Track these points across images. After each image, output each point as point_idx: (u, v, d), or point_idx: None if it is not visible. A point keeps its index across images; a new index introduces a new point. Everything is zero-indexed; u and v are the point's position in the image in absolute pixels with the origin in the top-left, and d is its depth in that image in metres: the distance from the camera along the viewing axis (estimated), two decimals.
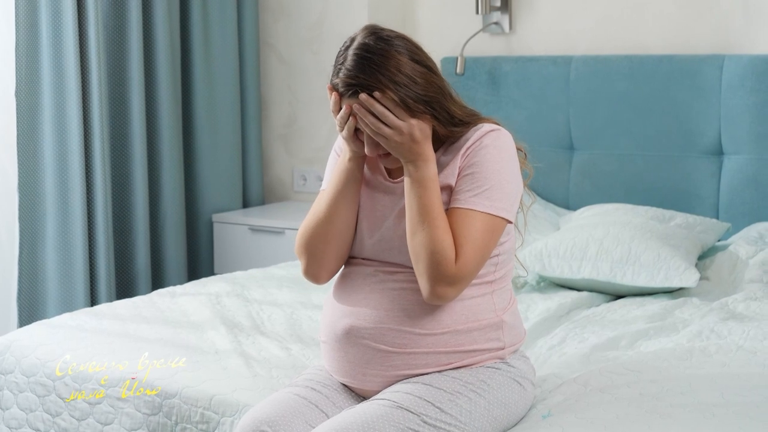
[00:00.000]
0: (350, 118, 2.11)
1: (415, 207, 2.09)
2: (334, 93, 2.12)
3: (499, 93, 4.17)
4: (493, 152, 2.12)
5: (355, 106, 2.07)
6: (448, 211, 2.11)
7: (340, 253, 2.23)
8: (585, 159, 4.04)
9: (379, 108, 2.06)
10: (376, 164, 2.24)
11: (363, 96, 2.06)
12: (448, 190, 2.14)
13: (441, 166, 2.16)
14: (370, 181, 2.24)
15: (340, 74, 2.09)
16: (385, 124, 2.07)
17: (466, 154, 2.13)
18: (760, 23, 3.81)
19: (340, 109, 2.12)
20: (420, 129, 2.09)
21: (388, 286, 2.16)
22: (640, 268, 3.20)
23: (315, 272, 2.25)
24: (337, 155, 2.31)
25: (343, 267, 2.29)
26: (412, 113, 2.08)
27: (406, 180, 2.11)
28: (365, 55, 2.07)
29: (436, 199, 2.09)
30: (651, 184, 3.90)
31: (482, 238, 2.09)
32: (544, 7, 4.22)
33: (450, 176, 2.14)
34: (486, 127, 2.16)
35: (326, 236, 2.21)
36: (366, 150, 2.14)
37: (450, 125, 2.14)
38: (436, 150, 2.19)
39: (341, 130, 2.14)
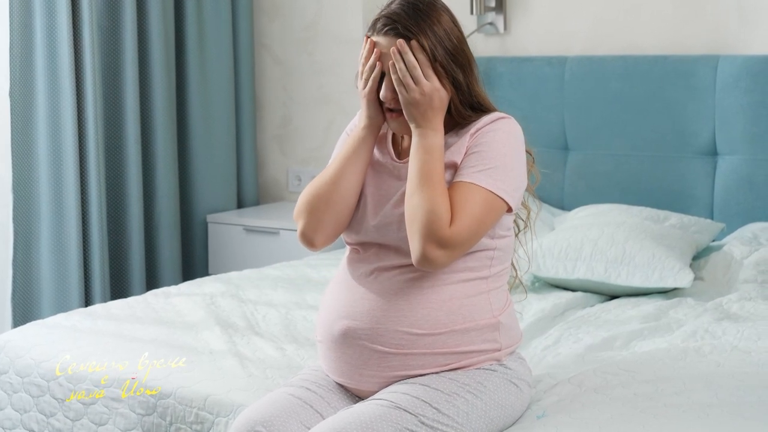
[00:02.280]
0: (377, 67, 2.14)
1: (416, 171, 2.10)
2: (369, 40, 2.16)
3: (494, 94, 4.13)
4: (502, 136, 2.15)
5: (393, 49, 2.11)
6: (450, 185, 2.12)
7: (339, 219, 2.22)
8: (580, 159, 4.05)
9: (411, 58, 2.11)
10: (385, 145, 2.26)
11: (401, 41, 2.11)
12: (453, 168, 2.15)
13: (448, 146, 2.17)
14: (377, 162, 2.25)
15: (384, 13, 2.15)
16: (412, 77, 2.11)
17: (475, 135, 2.15)
18: (754, 24, 3.82)
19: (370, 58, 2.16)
20: (440, 97, 2.13)
21: (385, 285, 2.15)
22: (634, 268, 3.21)
23: (311, 234, 2.24)
24: (348, 136, 2.32)
25: (340, 266, 2.28)
26: (439, 73, 2.12)
27: (413, 146, 2.13)
28: (412, 2, 2.14)
29: (438, 165, 2.10)
30: (645, 185, 3.90)
31: (480, 211, 2.09)
32: (538, 8, 4.22)
33: (456, 154, 2.15)
34: (498, 114, 2.19)
35: (329, 198, 2.20)
36: (382, 93, 2.16)
37: (468, 106, 2.18)
38: (446, 132, 2.20)
39: (364, 87, 2.17)
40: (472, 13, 4.23)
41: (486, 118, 2.17)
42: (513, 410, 2.16)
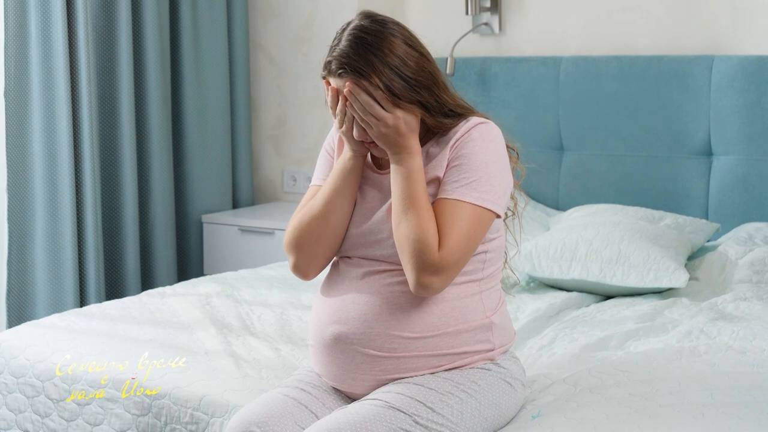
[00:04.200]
0: (347, 109, 2.12)
1: (399, 197, 2.09)
2: (330, 88, 2.13)
3: (489, 94, 4.18)
4: (481, 144, 2.12)
5: (346, 90, 2.09)
6: (435, 202, 2.11)
7: (331, 250, 2.23)
8: (575, 160, 4.05)
9: (364, 98, 2.08)
10: (365, 158, 2.24)
11: (349, 85, 2.08)
12: (436, 183, 2.14)
13: (430, 158, 2.16)
14: None
15: (334, 53, 2.11)
16: (371, 114, 2.08)
17: (455, 146, 2.13)
18: (748, 24, 3.82)
19: (338, 102, 2.13)
20: (406, 122, 2.10)
21: (376, 289, 2.15)
22: (629, 268, 3.21)
23: (304, 268, 2.24)
24: (328, 153, 2.31)
25: (329, 268, 2.28)
26: (400, 104, 2.09)
27: (392, 171, 2.12)
28: (360, 35, 2.09)
29: (421, 189, 2.09)
30: (640, 185, 3.91)
31: (468, 228, 2.08)
32: (533, 8, 4.22)
33: (438, 168, 2.14)
34: (475, 120, 2.16)
35: (320, 233, 2.20)
36: (354, 133, 2.14)
37: (440, 115, 2.15)
38: (426, 141, 2.19)
39: (340, 126, 2.15)
40: (467, 13, 4.24)
41: (464, 126, 2.15)
42: (507, 409, 2.16)
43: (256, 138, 4.80)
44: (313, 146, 4.63)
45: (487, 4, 4.27)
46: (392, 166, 2.12)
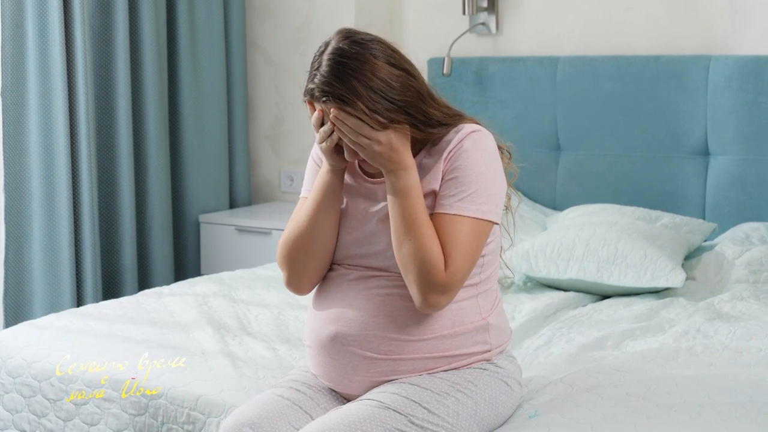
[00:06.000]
0: (334, 131, 2.09)
1: (399, 218, 2.07)
2: (317, 110, 2.10)
3: (486, 94, 4.18)
4: (475, 155, 2.11)
5: (332, 116, 2.06)
6: (433, 216, 2.10)
7: (323, 265, 2.22)
8: (572, 159, 4.05)
9: (353, 121, 2.04)
10: (355, 168, 2.23)
11: (335, 111, 2.04)
12: (432, 196, 2.12)
13: (424, 170, 2.14)
14: (350, 186, 2.22)
15: (316, 80, 2.08)
16: (363, 135, 2.06)
17: (448, 158, 2.12)
18: (746, 24, 3.82)
19: (323, 122, 2.10)
20: (397, 137, 2.07)
21: (373, 292, 2.14)
22: (626, 268, 3.21)
23: (297, 284, 2.24)
24: (315, 163, 2.30)
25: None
26: (388, 125, 2.06)
27: (388, 190, 2.09)
28: (340, 60, 2.05)
29: (420, 207, 2.07)
30: (638, 185, 3.91)
31: (470, 243, 2.08)
32: (530, 8, 4.22)
33: (434, 181, 2.12)
34: (466, 128, 2.14)
35: (308, 249, 2.19)
36: (346, 156, 2.12)
37: (428, 127, 2.12)
38: (418, 152, 2.17)
39: (320, 142, 2.13)
40: (464, 13, 4.23)
41: (456, 136, 2.12)
42: (504, 409, 2.16)
43: (253, 138, 4.80)
44: (310, 147, 4.61)
45: (484, 4, 4.27)
46: (388, 185, 2.09)
